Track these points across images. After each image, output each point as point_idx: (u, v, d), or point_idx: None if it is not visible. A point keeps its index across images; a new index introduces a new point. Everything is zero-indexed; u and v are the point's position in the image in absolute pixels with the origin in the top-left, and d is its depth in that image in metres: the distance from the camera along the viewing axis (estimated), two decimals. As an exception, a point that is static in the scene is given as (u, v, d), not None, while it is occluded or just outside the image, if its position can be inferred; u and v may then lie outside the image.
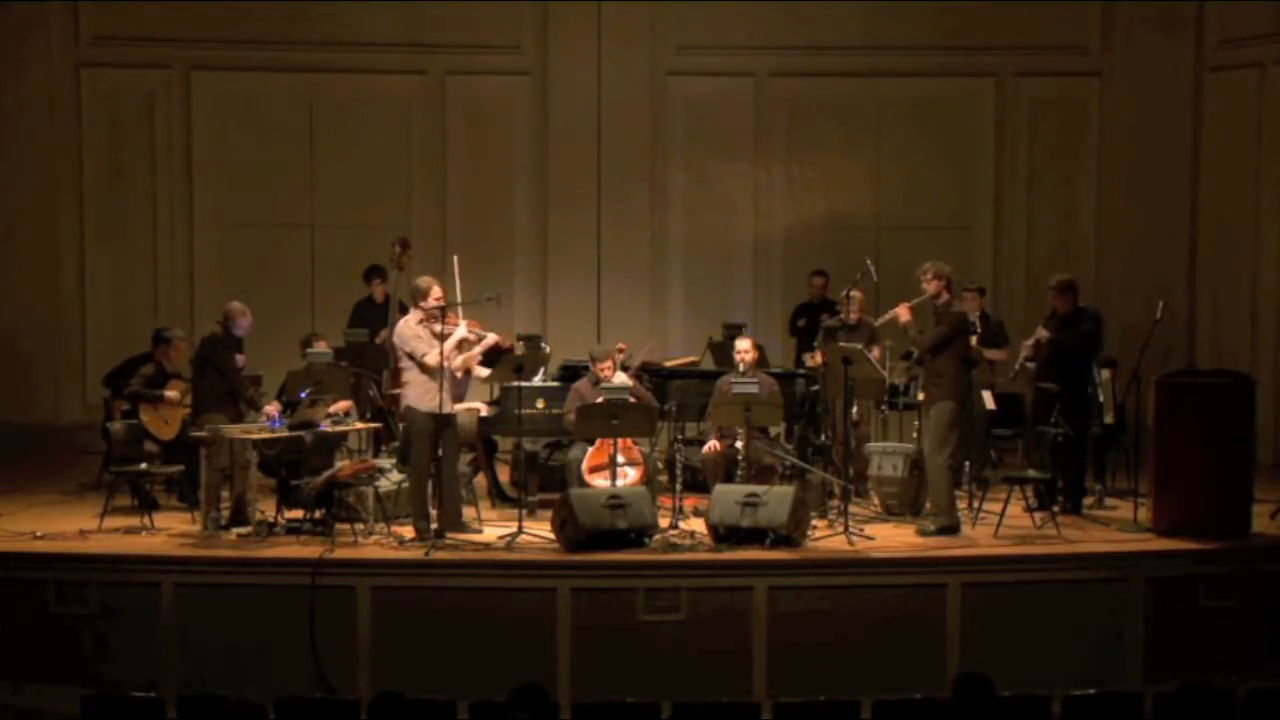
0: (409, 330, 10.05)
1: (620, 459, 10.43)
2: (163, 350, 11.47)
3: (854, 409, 11.26)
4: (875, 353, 11.48)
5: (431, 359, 9.92)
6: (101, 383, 12.68)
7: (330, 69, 14.56)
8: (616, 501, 9.80)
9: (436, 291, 10.09)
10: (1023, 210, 14.95)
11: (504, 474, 11.96)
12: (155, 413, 11.29)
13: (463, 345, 10.22)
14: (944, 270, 10.27)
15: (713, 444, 10.89)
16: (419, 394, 10.02)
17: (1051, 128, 14.91)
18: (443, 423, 10.06)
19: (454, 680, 8.56)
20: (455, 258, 10.46)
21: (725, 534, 9.79)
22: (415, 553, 9.65)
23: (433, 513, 10.08)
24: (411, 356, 10.01)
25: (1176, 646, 9.45)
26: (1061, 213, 14.99)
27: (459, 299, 10.34)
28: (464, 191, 14.86)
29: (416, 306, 10.12)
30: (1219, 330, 14.45)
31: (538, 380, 11.35)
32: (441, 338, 9.96)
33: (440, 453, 10.11)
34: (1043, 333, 10.98)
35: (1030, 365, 11.22)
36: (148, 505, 10.62)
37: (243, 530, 10.11)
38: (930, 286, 10.22)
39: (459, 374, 10.67)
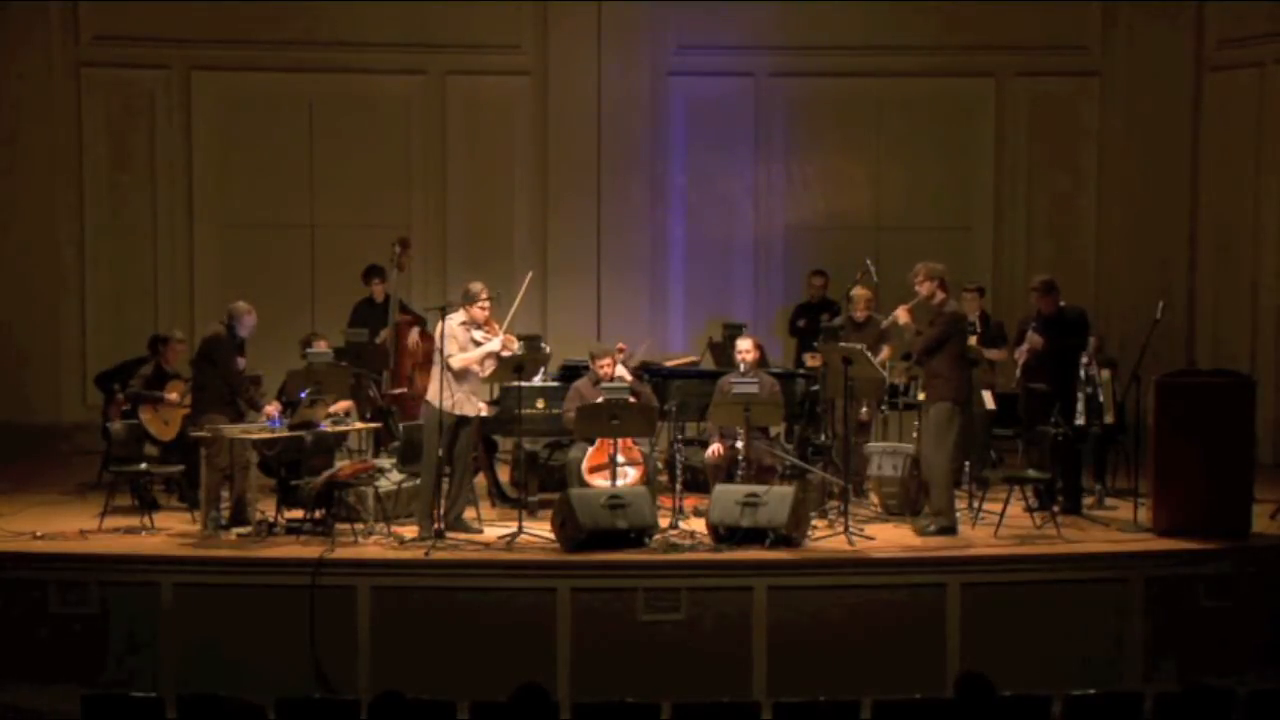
0: (447, 328, 10.11)
1: (620, 459, 10.42)
2: (161, 351, 11.51)
3: (864, 409, 11.25)
4: (886, 351, 11.47)
5: (455, 363, 9.99)
6: (94, 383, 12.67)
7: (330, 69, 14.55)
8: (616, 501, 9.79)
9: (485, 298, 10.15)
10: (1023, 210, 14.94)
11: (504, 474, 11.95)
12: (155, 414, 11.30)
13: (491, 358, 10.25)
14: (935, 270, 10.22)
15: (716, 448, 10.86)
16: (437, 391, 10.07)
17: (1051, 128, 14.90)
18: (458, 423, 10.10)
19: (454, 680, 8.58)
20: (530, 274, 10.54)
21: (725, 534, 9.78)
22: (415, 553, 9.65)
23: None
24: (441, 353, 10.06)
25: (1176, 646, 9.45)
26: (1061, 213, 14.98)
27: (512, 314, 10.36)
28: (464, 191, 14.85)
29: (464, 308, 10.18)
30: (1219, 330, 14.44)
31: (538, 380, 11.34)
32: (475, 343, 10.09)
33: (453, 452, 10.15)
34: (1036, 339, 10.90)
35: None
36: (148, 505, 10.62)
37: (243, 530, 10.10)
38: (922, 289, 10.19)
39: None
